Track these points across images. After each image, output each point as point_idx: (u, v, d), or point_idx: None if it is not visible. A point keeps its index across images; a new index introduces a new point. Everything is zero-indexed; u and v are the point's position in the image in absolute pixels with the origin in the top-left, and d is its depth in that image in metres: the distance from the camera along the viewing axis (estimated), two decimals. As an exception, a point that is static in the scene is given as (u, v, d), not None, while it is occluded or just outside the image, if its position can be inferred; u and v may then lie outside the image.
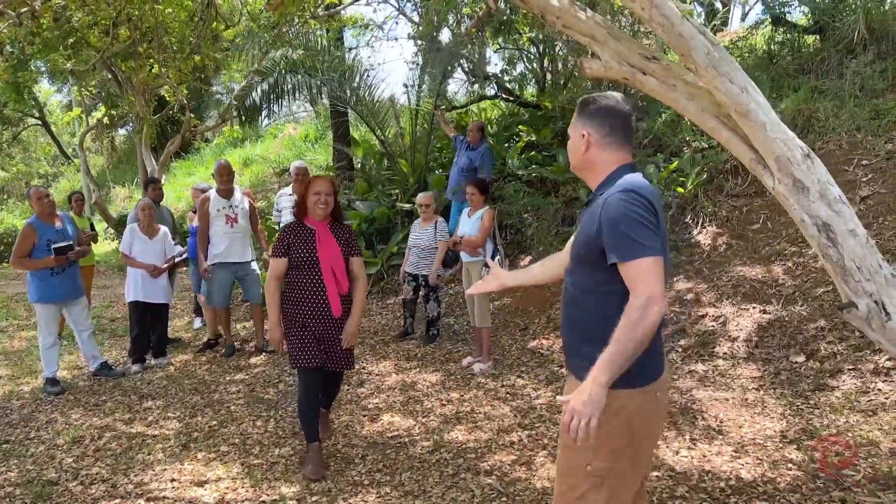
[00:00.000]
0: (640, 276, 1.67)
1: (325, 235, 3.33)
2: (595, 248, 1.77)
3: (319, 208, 3.30)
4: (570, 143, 1.95)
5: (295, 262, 3.29)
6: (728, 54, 2.90)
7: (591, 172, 1.92)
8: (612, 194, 1.76)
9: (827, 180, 2.96)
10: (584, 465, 1.79)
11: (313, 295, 3.28)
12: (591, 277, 1.81)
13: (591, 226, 1.79)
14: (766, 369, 4.28)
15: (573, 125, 1.93)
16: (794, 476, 3.03)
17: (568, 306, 1.91)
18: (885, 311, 2.91)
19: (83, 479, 3.40)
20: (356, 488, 3.16)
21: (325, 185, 3.33)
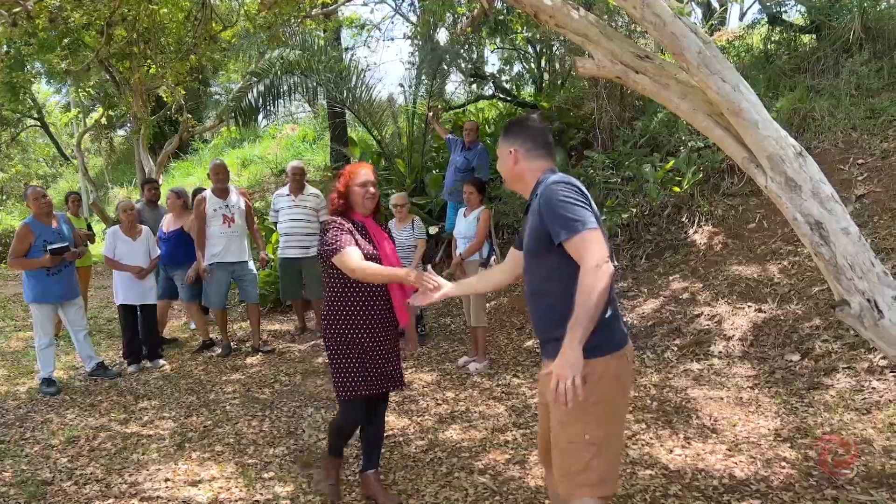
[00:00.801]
0: (585, 246, 1.87)
1: (377, 232, 2.85)
2: (544, 237, 1.97)
3: (369, 201, 2.80)
4: (500, 161, 2.19)
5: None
6: (720, 53, 2.90)
7: (522, 183, 2.15)
8: (547, 184, 2.01)
9: (819, 178, 2.96)
10: (583, 436, 1.92)
11: (377, 303, 2.75)
12: (548, 265, 2.01)
13: (535, 220, 2.01)
14: (761, 368, 4.29)
15: (500, 145, 2.18)
16: (788, 474, 3.03)
17: (534, 300, 2.09)
18: (878, 309, 2.91)
19: (77, 479, 3.40)
20: (350, 487, 3.16)
21: (370, 174, 2.84)
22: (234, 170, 15.90)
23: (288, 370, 5.24)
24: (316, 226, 6.12)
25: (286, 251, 6.03)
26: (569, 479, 1.96)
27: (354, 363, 2.75)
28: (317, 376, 5.05)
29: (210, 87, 20.00)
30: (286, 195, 6.07)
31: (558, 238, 1.91)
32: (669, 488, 2.95)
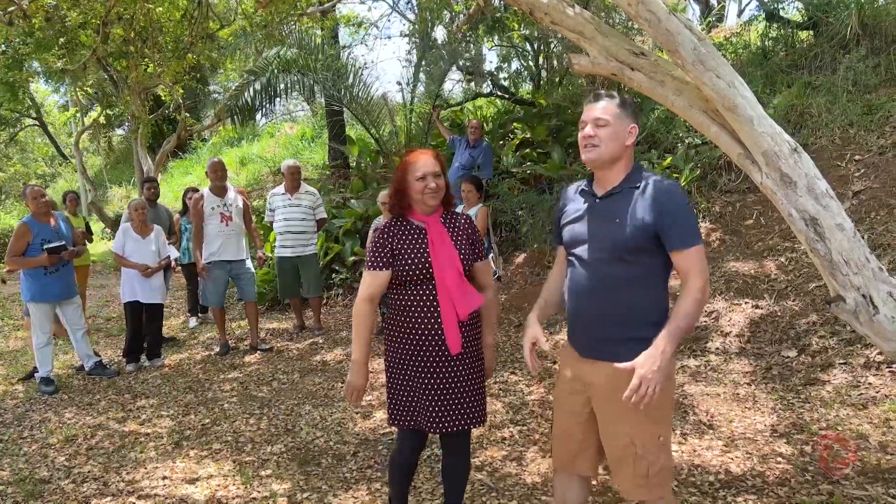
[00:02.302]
0: (700, 261, 1.87)
1: (440, 234, 2.32)
2: (651, 236, 1.89)
3: (429, 198, 2.29)
4: (612, 131, 1.96)
5: (403, 275, 2.28)
6: (715, 49, 2.90)
7: (619, 164, 2.00)
8: (672, 186, 1.95)
9: (814, 174, 2.96)
10: (658, 438, 1.94)
11: (425, 323, 2.28)
12: (640, 264, 1.93)
13: (645, 215, 1.90)
14: (758, 364, 4.29)
15: (619, 116, 1.98)
16: (783, 470, 3.04)
17: (609, 295, 1.94)
18: (873, 305, 2.92)
19: (75, 478, 3.41)
20: (347, 484, 3.17)
21: (430, 164, 2.30)
22: (232, 168, 15.90)
23: (286, 368, 5.25)
24: (312, 224, 6.14)
25: (282, 250, 6.05)
26: (647, 483, 1.95)
27: (396, 390, 2.38)
28: (315, 374, 5.06)
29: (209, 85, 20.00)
30: (282, 194, 6.08)
31: (675, 245, 1.88)
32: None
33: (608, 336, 1.96)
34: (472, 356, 2.36)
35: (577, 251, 2.04)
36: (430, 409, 2.30)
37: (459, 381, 2.33)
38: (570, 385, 2.09)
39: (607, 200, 2.00)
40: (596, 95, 2.08)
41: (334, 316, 7.02)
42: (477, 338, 2.39)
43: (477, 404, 2.37)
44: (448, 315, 2.27)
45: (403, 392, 2.36)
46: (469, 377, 2.35)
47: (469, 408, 2.35)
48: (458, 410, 2.33)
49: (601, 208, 2.00)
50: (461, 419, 2.33)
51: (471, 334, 2.35)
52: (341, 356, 5.50)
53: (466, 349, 2.33)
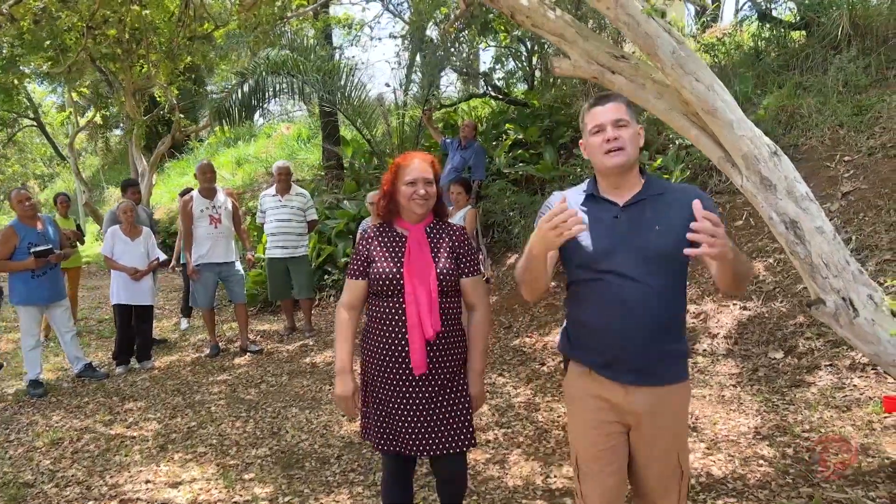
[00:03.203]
0: None
1: (419, 245, 2.18)
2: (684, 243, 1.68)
3: (416, 205, 2.18)
4: (633, 132, 1.85)
5: (375, 285, 2.19)
6: (694, 53, 2.90)
7: (634, 169, 1.88)
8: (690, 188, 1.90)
9: (794, 177, 2.96)
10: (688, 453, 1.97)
11: (390, 338, 2.16)
12: (675, 275, 1.85)
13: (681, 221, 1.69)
14: (745, 366, 4.29)
15: (632, 116, 1.86)
16: (765, 472, 3.04)
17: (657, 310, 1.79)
18: (853, 308, 2.92)
19: (59, 482, 3.41)
20: (329, 488, 3.17)
21: (422, 169, 2.18)
22: (228, 169, 15.90)
23: (275, 371, 5.25)
24: (303, 226, 6.15)
25: (273, 251, 6.06)
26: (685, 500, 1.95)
27: (366, 406, 2.28)
28: (303, 377, 5.06)
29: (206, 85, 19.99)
30: (273, 195, 6.08)
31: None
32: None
33: (660, 354, 1.82)
34: (442, 378, 2.17)
35: (605, 266, 1.81)
36: (400, 429, 2.18)
37: (427, 404, 2.15)
38: (604, 420, 1.87)
39: (634, 208, 1.84)
40: (602, 97, 1.91)
41: (326, 317, 7.02)
42: (453, 360, 2.20)
43: (453, 429, 2.18)
44: (414, 332, 2.11)
45: (375, 410, 2.23)
46: (440, 401, 2.17)
47: (443, 432, 2.17)
48: (430, 434, 2.16)
49: (631, 217, 1.84)
50: (435, 443, 2.16)
51: (443, 355, 2.16)
52: (330, 358, 5.50)
53: (436, 370, 2.15)
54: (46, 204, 19.54)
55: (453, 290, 2.22)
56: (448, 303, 2.19)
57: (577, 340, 1.93)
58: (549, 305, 5.81)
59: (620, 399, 1.84)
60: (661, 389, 1.84)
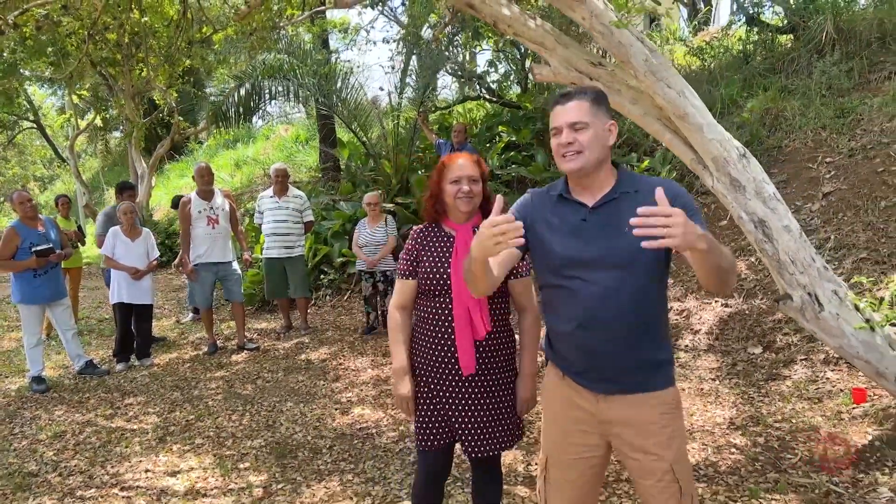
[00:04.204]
0: None
1: (466, 245, 2.12)
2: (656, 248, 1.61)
3: (462, 202, 2.15)
4: (593, 134, 1.71)
5: (423, 284, 2.21)
6: (666, 60, 3.05)
7: (605, 167, 1.77)
8: (668, 181, 1.74)
9: (762, 179, 3.12)
10: (690, 466, 1.83)
11: (438, 338, 2.18)
12: (649, 278, 1.72)
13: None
14: (724, 360, 4.44)
15: (596, 115, 1.72)
16: (736, 460, 3.19)
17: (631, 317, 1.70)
18: (818, 303, 3.07)
19: (62, 471, 3.55)
20: (320, 476, 3.32)
21: (468, 167, 2.18)
22: (227, 171, 16.06)
23: (271, 367, 5.40)
24: (300, 226, 6.30)
25: (270, 251, 6.21)
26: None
27: (419, 403, 2.26)
28: (299, 372, 5.21)
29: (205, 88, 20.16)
30: (270, 197, 6.23)
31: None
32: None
33: (635, 362, 1.74)
34: (490, 380, 2.17)
35: (572, 271, 1.74)
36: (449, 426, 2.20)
37: (474, 405, 2.16)
38: (578, 428, 1.83)
39: (604, 209, 1.74)
40: (565, 95, 1.77)
41: (322, 316, 7.16)
42: (500, 361, 2.19)
43: (500, 431, 2.19)
44: (462, 332, 2.11)
45: (423, 408, 2.24)
46: (486, 402, 2.17)
47: (491, 433, 2.17)
48: (479, 433, 2.17)
49: (600, 219, 1.74)
50: (483, 445, 2.17)
51: (491, 356, 2.16)
52: (325, 355, 5.65)
53: (484, 371, 2.15)
54: (46, 206, 19.70)
55: (501, 291, 2.18)
56: (496, 304, 2.18)
57: (553, 344, 1.87)
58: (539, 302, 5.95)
59: (593, 407, 1.79)
60: (636, 398, 1.74)
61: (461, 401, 2.17)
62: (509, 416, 2.22)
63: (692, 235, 1.41)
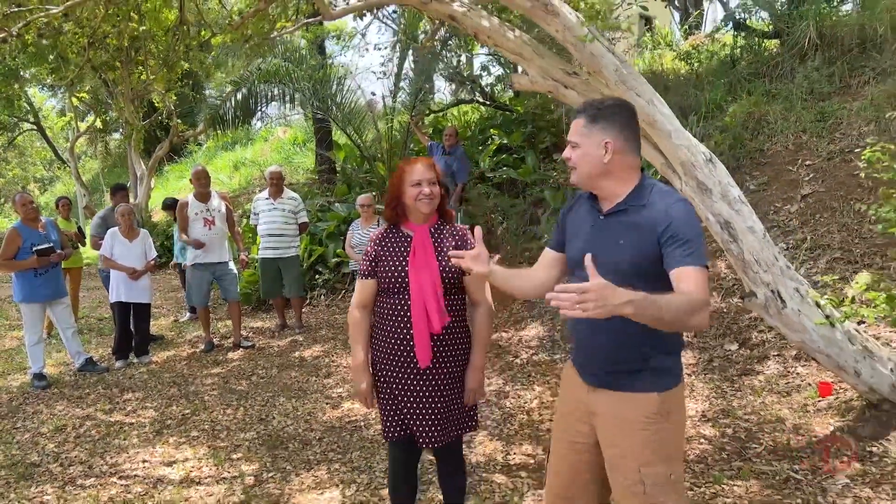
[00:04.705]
0: (701, 282, 1.68)
1: (424, 244, 2.31)
2: (656, 260, 1.74)
3: (423, 204, 2.29)
4: (582, 152, 1.84)
5: (382, 283, 2.34)
6: (635, 70, 3.22)
7: (609, 180, 1.85)
8: (676, 202, 1.78)
9: (728, 182, 3.29)
10: (668, 476, 1.81)
11: (396, 333, 2.30)
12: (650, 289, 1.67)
13: (648, 237, 1.76)
14: (701, 356, 4.61)
15: (587, 135, 1.83)
16: (704, 449, 3.35)
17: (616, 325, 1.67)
18: (781, 299, 3.24)
19: (63, 462, 3.72)
20: (309, 465, 3.48)
21: (426, 170, 2.31)
22: (226, 173, 16.23)
23: (266, 364, 5.56)
24: (294, 228, 6.47)
25: (265, 251, 6.38)
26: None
27: (380, 395, 2.40)
28: (292, 369, 5.37)
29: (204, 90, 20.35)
30: (266, 199, 6.40)
31: (674, 265, 1.70)
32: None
33: (619, 367, 1.83)
34: (445, 371, 2.31)
35: (580, 271, 1.76)
36: (408, 419, 2.32)
37: (430, 396, 2.29)
38: (574, 414, 1.97)
39: (611, 218, 1.84)
40: (578, 110, 1.91)
41: (316, 315, 7.33)
42: (455, 354, 2.33)
43: (455, 420, 2.35)
44: (419, 326, 2.24)
45: (385, 401, 2.38)
46: (441, 393, 2.30)
47: (444, 422, 2.31)
48: (433, 424, 2.29)
49: (605, 227, 1.85)
50: (441, 434, 2.30)
51: (448, 349, 2.30)
52: (319, 352, 5.82)
53: (441, 364, 2.29)
54: (47, 207, 19.85)
55: (457, 287, 2.33)
56: (453, 299, 2.32)
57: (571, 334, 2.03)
58: (527, 303, 6.11)
59: (585, 397, 1.91)
60: (619, 395, 1.83)
61: (417, 393, 2.30)
62: (461, 406, 2.38)
63: (611, 306, 1.47)
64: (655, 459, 1.79)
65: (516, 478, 3.21)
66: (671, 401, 1.82)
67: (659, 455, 1.80)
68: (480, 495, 3.06)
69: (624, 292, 1.51)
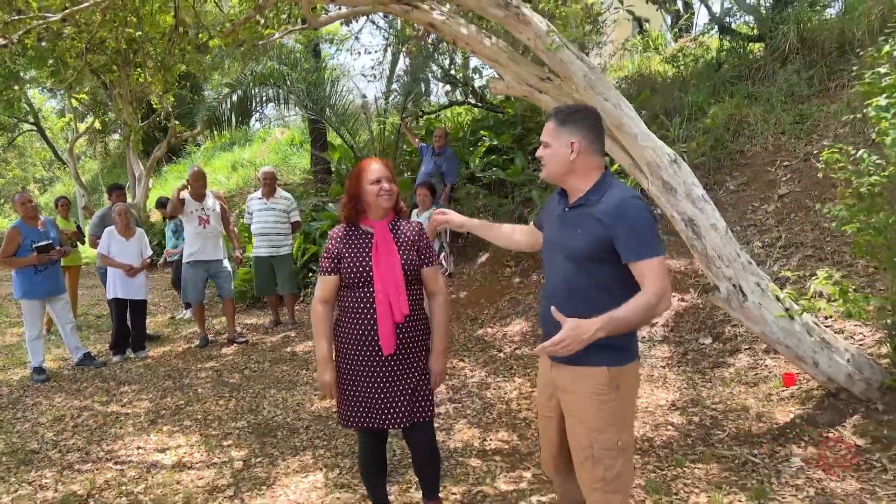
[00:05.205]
0: (654, 273, 1.90)
1: (385, 240, 2.47)
2: (605, 247, 1.95)
3: (383, 200, 2.45)
4: (551, 152, 2.06)
5: (346, 278, 2.47)
6: (603, 76, 3.40)
7: (574, 177, 2.06)
8: (626, 198, 1.97)
9: (691, 182, 3.46)
10: (616, 442, 2.00)
11: (361, 324, 2.44)
12: (600, 274, 1.98)
13: (597, 228, 1.97)
14: (676, 350, 4.78)
15: (557, 136, 2.05)
16: (670, 436, 3.53)
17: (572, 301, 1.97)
18: (742, 293, 3.42)
19: (61, 449, 3.89)
20: (296, 451, 3.66)
21: (383, 169, 2.49)
22: (224, 173, 16.38)
23: (258, 358, 5.73)
24: (287, 226, 6.64)
25: (259, 250, 6.56)
26: (604, 485, 2.00)
27: (342, 388, 2.53)
28: (283, 363, 5.54)
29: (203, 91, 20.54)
30: (259, 198, 6.58)
31: (631, 256, 1.92)
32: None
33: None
34: (408, 357, 2.48)
35: (547, 257, 2.15)
36: (373, 405, 2.46)
37: (394, 381, 2.45)
38: (544, 390, 2.21)
39: (573, 211, 2.07)
40: (547, 116, 2.18)
41: (309, 312, 7.50)
42: (417, 342, 2.50)
43: (417, 402, 2.49)
44: (384, 317, 2.40)
45: (348, 391, 2.50)
46: (405, 377, 2.47)
47: (408, 404, 2.46)
48: (397, 407, 2.45)
49: (567, 218, 2.08)
50: (400, 416, 2.46)
51: (408, 338, 2.47)
52: (310, 347, 5.99)
53: (402, 350, 2.45)
54: (46, 207, 20.01)
55: (416, 279, 2.52)
56: (412, 291, 2.49)
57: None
58: (512, 300, 6.30)
59: (549, 372, 2.16)
60: (574, 370, 2.03)
61: (382, 379, 2.45)
62: (424, 390, 2.53)
63: (586, 338, 1.81)
64: (604, 427, 1.99)
65: (491, 461, 3.39)
66: (621, 376, 2.02)
67: (608, 423, 1.99)
68: (455, 478, 3.23)
69: (592, 323, 1.82)
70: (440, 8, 3.63)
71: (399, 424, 2.48)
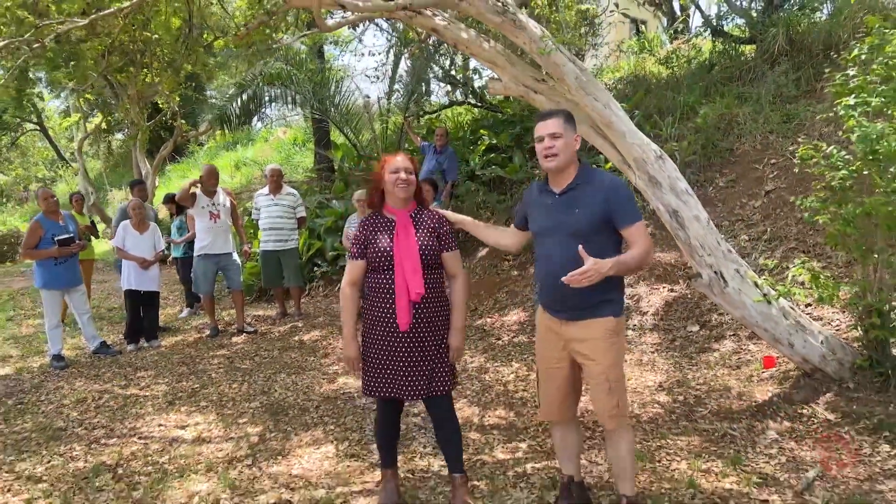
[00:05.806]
0: (643, 233, 2.43)
1: (406, 226, 2.70)
2: (604, 219, 2.41)
3: (400, 189, 2.68)
4: (564, 142, 2.45)
5: (373, 262, 2.70)
6: (594, 78, 3.66)
7: (571, 166, 2.50)
8: (615, 179, 2.51)
9: (675, 176, 3.72)
10: (622, 377, 2.52)
11: (384, 303, 2.68)
12: (599, 243, 2.39)
13: (596, 204, 2.41)
14: (665, 337, 5.05)
15: (567, 129, 2.48)
16: (656, 413, 3.79)
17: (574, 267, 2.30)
18: (723, 279, 3.68)
19: (87, 426, 4.15)
20: (307, 427, 3.92)
21: (403, 161, 2.73)
22: (227, 172, 16.65)
23: (267, 347, 5.99)
24: (293, 222, 6.91)
25: (266, 244, 6.83)
26: (619, 413, 2.47)
27: (366, 362, 2.76)
28: (292, 351, 5.80)
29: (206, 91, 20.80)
30: (266, 195, 6.85)
31: (626, 222, 2.40)
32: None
33: (583, 302, 2.43)
34: (424, 333, 2.67)
35: (547, 238, 2.53)
36: (393, 377, 2.68)
37: (413, 355, 2.66)
38: (551, 343, 2.60)
39: (565, 196, 2.47)
40: (546, 113, 2.54)
41: (315, 304, 7.76)
42: (435, 320, 2.70)
43: (435, 375, 2.70)
44: (400, 295, 2.61)
45: (371, 364, 2.72)
46: (424, 352, 2.67)
47: (426, 378, 2.67)
48: (416, 380, 2.66)
49: (562, 202, 2.47)
50: (418, 388, 2.68)
51: (426, 316, 2.67)
52: (317, 336, 6.25)
53: (419, 327, 2.66)
54: (52, 205, 20.19)
55: (436, 263, 2.71)
56: (432, 275, 2.70)
57: (537, 286, 2.71)
58: (510, 292, 6.56)
59: (559, 330, 2.56)
60: (586, 322, 2.46)
61: (401, 353, 2.68)
62: (442, 364, 2.73)
63: (602, 272, 2.27)
64: (615, 363, 2.49)
65: (489, 434, 3.65)
66: (621, 325, 2.52)
67: (616, 361, 2.49)
68: (457, 449, 3.49)
69: (606, 262, 2.28)
70: (442, 14, 3.89)
71: (417, 396, 2.70)
